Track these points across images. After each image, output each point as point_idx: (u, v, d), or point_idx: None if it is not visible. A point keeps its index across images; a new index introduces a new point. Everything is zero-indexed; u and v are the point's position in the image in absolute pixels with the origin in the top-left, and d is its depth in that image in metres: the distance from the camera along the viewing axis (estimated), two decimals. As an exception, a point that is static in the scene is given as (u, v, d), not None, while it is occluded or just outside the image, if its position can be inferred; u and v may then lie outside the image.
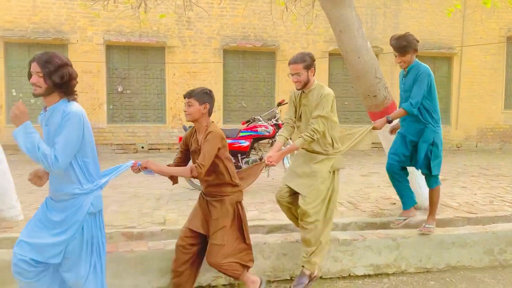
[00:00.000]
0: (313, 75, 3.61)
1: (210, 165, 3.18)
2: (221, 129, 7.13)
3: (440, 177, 4.42)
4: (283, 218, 4.93)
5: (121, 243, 3.97)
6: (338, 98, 13.21)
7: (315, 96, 3.56)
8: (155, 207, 5.42)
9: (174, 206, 5.49)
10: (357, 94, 13.21)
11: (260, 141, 6.93)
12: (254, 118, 6.98)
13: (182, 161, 3.50)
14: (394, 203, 5.77)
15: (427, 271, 4.22)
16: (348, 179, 7.63)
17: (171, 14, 11.12)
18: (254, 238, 4.02)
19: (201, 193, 3.52)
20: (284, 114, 4.19)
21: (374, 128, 4.03)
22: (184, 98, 3.31)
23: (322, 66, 12.91)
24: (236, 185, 3.39)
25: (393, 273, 4.16)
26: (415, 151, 4.21)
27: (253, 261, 3.51)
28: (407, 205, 4.41)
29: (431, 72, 4.09)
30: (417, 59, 4.15)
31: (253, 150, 6.90)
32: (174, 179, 3.44)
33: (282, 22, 8.95)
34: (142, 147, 12.13)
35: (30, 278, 2.70)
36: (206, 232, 3.37)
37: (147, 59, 12.29)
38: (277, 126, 6.78)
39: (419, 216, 5.05)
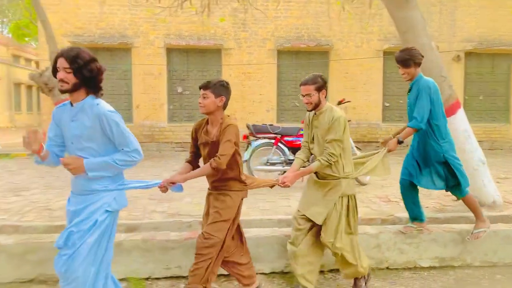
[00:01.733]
0: (325, 97, 3.58)
1: None
2: (283, 127, 7.44)
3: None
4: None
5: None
6: (393, 96, 13.30)
7: (326, 119, 3.53)
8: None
9: (241, 199, 5.82)
10: (412, 93, 13.14)
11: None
12: (314, 117, 7.20)
13: (197, 154, 3.39)
14: (456, 200, 5.83)
15: (493, 265, 4.27)
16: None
17: (228, 17, 11.54)
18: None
19: (208, 190, 3.43)
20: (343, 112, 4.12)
21: (389, 151, 3.96)
22: (200, 89, 3.19)
23: (376, 64, 12.93)
24: (243, 182, 3.31)
25: (459, 266, 4.25)
26: (422, 168, 4.15)
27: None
28: (414, 219, 4.35)
29: (433, 86, 3.97)
30: (421, 73, 4.05)
31: (313, 147, 7.12)
32: None
33: (340, 22, 9.10)
34: (200, 145, 12.63)
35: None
36: None
37: (205, 61, 12.79)
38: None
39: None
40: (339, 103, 7.21)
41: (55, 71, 2.60)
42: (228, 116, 3.25)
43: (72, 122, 2.64)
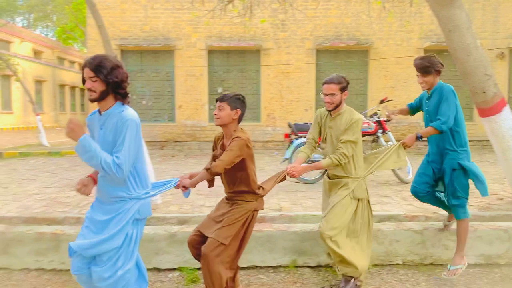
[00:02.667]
0: (345, 98, 3.55)
1: (235, 172, 3.19)
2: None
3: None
4: (391, 210, 5.25)
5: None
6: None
7: (343, 120, 3.50)
8: (269, 196, 5.96)
9: (284, 196, 6.02)
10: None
11: (363, 138, 7.24)
12: (356, 116, 7.29)
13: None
14: (502, 199, 5.80)
15: (540, 264, 4.26)
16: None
17: (268, 18, 11.71)
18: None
19: (224, 198, 3.48)
20: (385, 111, 4.08)
21: (404, 146, 3.93)
22: (216, 101, 3.22)
23: (416, 63, 12.79)
24: (257, 194, 3.34)
25: (505, 263, 4.24)
26: (440, 176, 4.01)
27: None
28: (449, 212, 4.27)
29: (455, 92, 3.86)
30: (440, 81, 3.96)
31: (354, 146, 7.21)
32: (210, 183, 3.40)
33: (379, 21, 9.12)
34: (240, 144, 12.89)
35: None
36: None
37: (244, 62, 13.04)
38: (379, 123, 7.02)
39: None
40: (382, 101, 7.24)
41: (84, 81, 2.63)
42: (242, 129, 3.27)
43: (101, 130, 2.68)
